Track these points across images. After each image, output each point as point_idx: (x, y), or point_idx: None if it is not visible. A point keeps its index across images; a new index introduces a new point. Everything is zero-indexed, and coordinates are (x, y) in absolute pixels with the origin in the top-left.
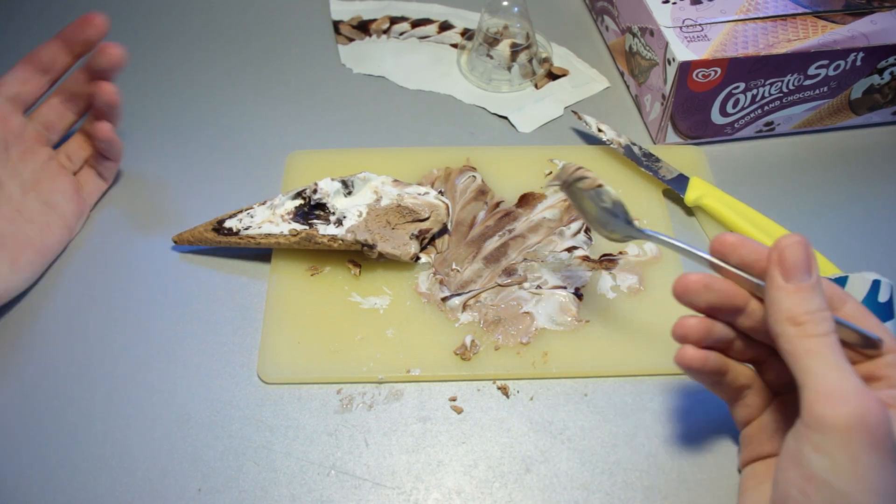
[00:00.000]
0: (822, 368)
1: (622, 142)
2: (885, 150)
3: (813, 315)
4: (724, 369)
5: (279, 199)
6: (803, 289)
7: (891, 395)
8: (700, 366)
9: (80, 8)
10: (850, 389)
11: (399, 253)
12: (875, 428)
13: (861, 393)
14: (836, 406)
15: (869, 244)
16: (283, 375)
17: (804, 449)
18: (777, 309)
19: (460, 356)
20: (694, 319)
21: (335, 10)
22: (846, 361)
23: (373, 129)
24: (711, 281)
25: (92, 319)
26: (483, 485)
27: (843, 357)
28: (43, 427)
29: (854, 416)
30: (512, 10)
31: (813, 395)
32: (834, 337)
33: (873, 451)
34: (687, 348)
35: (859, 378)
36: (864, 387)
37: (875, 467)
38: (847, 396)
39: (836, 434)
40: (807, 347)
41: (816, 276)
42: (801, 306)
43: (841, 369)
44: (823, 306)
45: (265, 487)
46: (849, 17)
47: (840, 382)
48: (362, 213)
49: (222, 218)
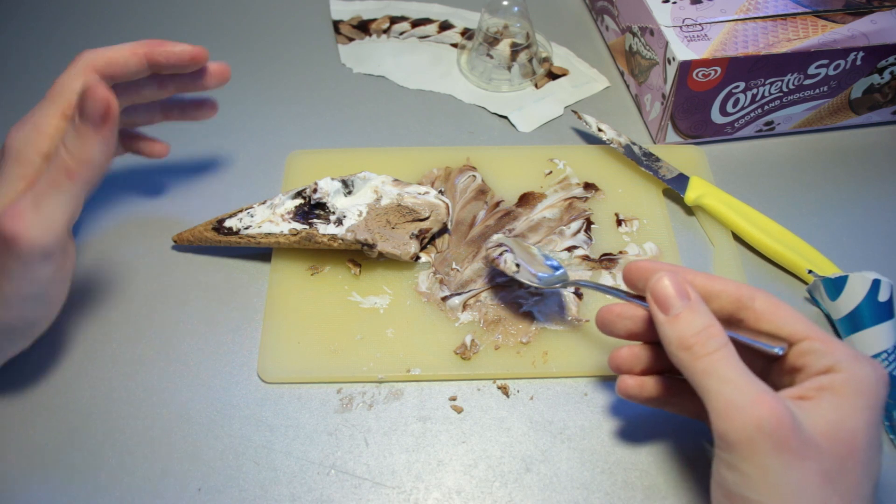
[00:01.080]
0: (716, 385)
1: (622, 141)
2: (885, 150)
3: (698, 336)
4: (667, 391)
5: (279, 199)
6: (682, 315)
7: (810, 385)
8: (637, 392)
9: (79, 8)
10: (743, 399)
11: (399, 252)
12: (775, 430)
13: (755, 399)
14: (732, 419)
15: (869, 244)
16: (283, 375)
17: (719, 469)
18: (668, 341)
19: (460, 356)
20: (624, 349)
21: (335, 9)
22: (742, 371)
23: (373, 129)
24: (623, 310)
25: (92, 319)
26: (483, 484)
27: (738, 367)
28: (43, 427)
29: (751, 426)
30: (512, 10)
31: (713, 414)
32: (725, 350)
33: (779, 454)
34: (624, 378)
35: (758, 383)
36: (760, 392)
37: (784, 470)
38: (740, 407)
39: (738, 447)
40: (700, 368)
41: (695, 298)
42: (686, 330)
43: (734, 381)
44: (708, 322)
45: (265, 487)
46: (849, 16)
47: (733, 395)
48: (362, 213)
49: (222, 217)
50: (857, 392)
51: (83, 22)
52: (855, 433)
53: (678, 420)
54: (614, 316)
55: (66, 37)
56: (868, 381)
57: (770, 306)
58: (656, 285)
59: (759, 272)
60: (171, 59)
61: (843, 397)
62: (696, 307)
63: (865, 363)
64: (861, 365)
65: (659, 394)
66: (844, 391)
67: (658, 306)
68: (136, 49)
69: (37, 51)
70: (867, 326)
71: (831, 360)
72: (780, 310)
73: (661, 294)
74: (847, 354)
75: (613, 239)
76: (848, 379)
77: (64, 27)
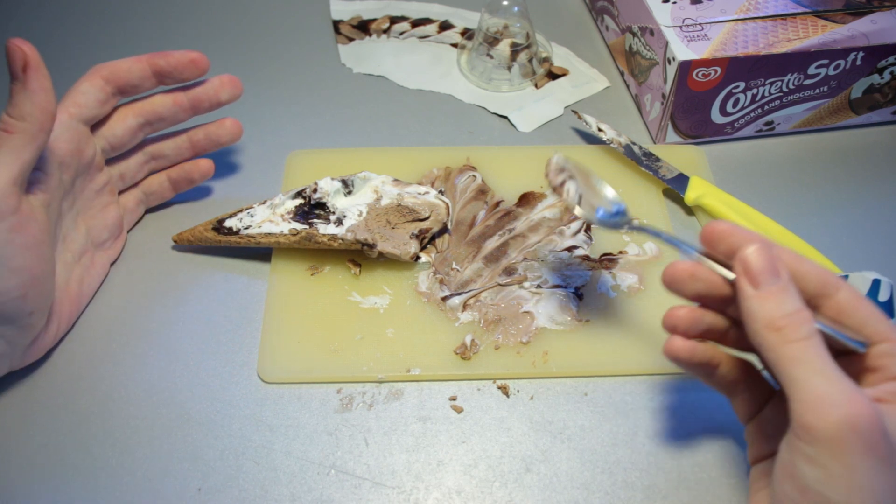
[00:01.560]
0: (806, 375)
1: (622, 141)
2: (885, 150)
3: (791, 318)
4: (716, 361)
5: (279, 199)
6: (774, 293)
7: (887, 389)
8: (688, 356)
9: (79, 8)
10: (837, 395)
11: (399, 252)
12: (867, 432)
13: (850, 397)
14: (824, 414)
15: (869, 244)
16: (283, 375)
17: (797, 461)
18: (753, 318)
19: (460, 356)
20: (683, 309)
21: (335, 9)
22: (832, 364)
23: (373, 129)
24: (698, 270)
25: (92, 319)
26: (483, 484)
27: (829, 359)
28: (43, 427)
29: (844, 423)
30: (512, 10)
31: (800, 405)
32: (816, 339)
33: (868, 456)
34: (675, 339)
35: (848, 380)
36: (852, 389)
37: (871, 474)
38: (834, 403)
39: (827, 444)
40: (789, 355)
41: (787, 278)
42: (776, 310)
43: (826, 373)
44: (799, 306)
45: (265, 487)
46: (849, 16)
47: (826, 388)
48: (362, 213)
49: (222, 217)
50: None
51: (83, 22)
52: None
53: (678, 420)
54: (686, 275)
55: (66, 37)
56: None
57: (853, 300)
58: (749, 256)
59: None
60: (171, 62)
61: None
62: (789, 287)
63: None
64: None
65: (707, 362)
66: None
67: (747, 278)
68: (139, 57)
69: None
70: None
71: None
72: (863, 305)
73: (753, 266)
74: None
75: (613, 239)
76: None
77: (64, 27)
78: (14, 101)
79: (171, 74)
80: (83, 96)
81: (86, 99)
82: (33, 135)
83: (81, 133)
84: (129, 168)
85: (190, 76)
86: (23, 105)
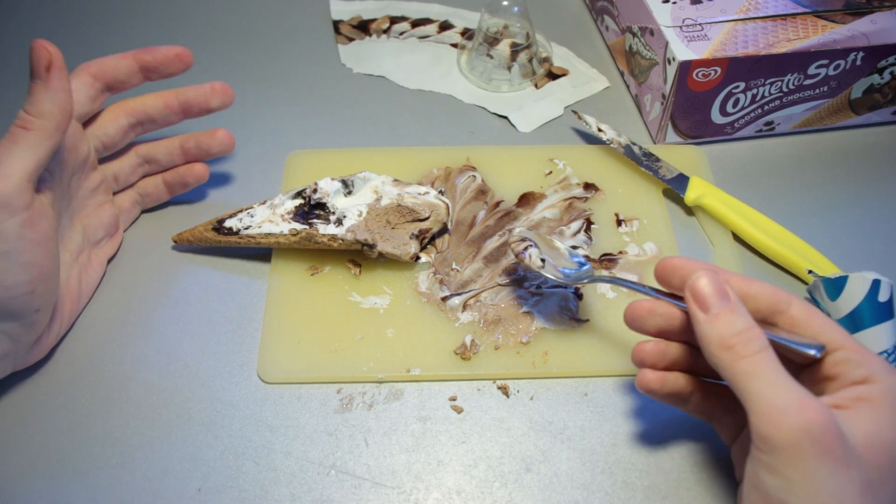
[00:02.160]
0: (759, 388)
1: (622, 141)
2: (885, 150)
3: (740, 336)
4: (688, 390)
5: (279, 199)
6: (723, 314)
7: (845, 395)
8: (659, 387)
9: (79, 8)
10: (789, 403)
11: (399, 252)
12: (822, 436)
13: (802, 404)
14: (778, 423)
15: (869, 244)
16: (283, 375)
17: (758, 471)
18: (707, 341)
19: (460, 356)
20: (649, 344)
21: (335, 9)
22: (785, 375)
23: (373, 129)
24: (656, 306)
25: (92, 319)
26: (483, 484)
27: (781, 371)
28: (43, 426)
29: (798, 430)
30: (512, 10)
31: (756, 417)
32: (767, 353)
33: (824, 460)
34: (646, 371)
35: (801, 389)
36: (805, 397)
37: (829, 477)
38: (787, 411)
39: (783, 452)
40: (742, 370)
41: (735, 299)
42: (726, 330)
43: (778, 384)
44: (749, 324)
45: (265, 487)
46: (849, 16)
47: (779, 398)
48: (362, 213)
49: (222, 217)
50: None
51: (83, 22)
52: (893, 445)
53: (678, 420)
54: (645, 312)
55: (66, 37)
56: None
57: (806, 313)
58: (696, 283)
59: (759, 272)
60: (157, 57)
61: (881, 409)
62: (737, 308)
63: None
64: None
65: (679, 391)
66: (882, 402)
67: (697, 304)
68: (125, 53)
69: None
70: (867, 326)
71: (868, 371)
72: (815, 317)
73: (701, 292)
74: (883, 365)
75: (613, 239)
76: (885, 390)
77: (64, 27)
78: (34, 99)
79: (157, 69)
80: (74, 93)
81: (77, 96)
82: (51, 133)
83: (76, 130)
84: (122, 170)
85: (175, 71)
86: (42, 103)
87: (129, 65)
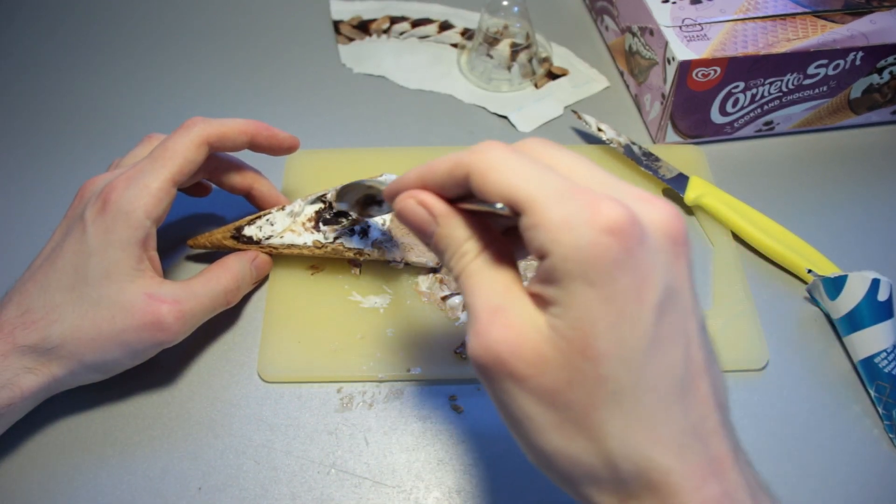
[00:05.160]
0: (469, 300)
1: (622, 141)
2: (885, 150)
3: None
4: None
5: (298, 205)
6: (435, 237)
7: (534, 286)
8: None
9: (79, 8)
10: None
11: (425, 260)
12: (507, 361)
13: (476, 332)
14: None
15: (869, 244)
16: (283, 374)
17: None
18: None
19: (460, 355)
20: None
21: (335, 10)
22: (489, 283)
23: (373, 129)
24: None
25: None
26: (483, 483)
27: (488, 280)
28: (43, 426)
29: (492, 354)
30: (512, 10)
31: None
32: (476, 262)
33: (512, 382)
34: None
35: (497, 298)
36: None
37: (514, 395)
38: (479, 333)
39: (483, 375)
40: (463, 285)
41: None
42: (446, 253)
43: (480, 294)
44: (466, 236)
45: (265, 486)
46: (848, 16)
47: (482, 314)
48: (385, 222)
49: (240, 224)
50: (583, 278)
51: (83, 22)
52: (595, 334)
53: None
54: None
55: (66, 37)
56: (591, 253)
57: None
58: (405, 213)
59: (758, 272)
60: (272, 143)
61: (568, 292)
62: (453, 225)
63: (585, 227)
64: (579, 231)
65: None
66: (565, 282)
67: (424, 224)
68: (245, 128)
69: (37, 51)
70: (866, 326)
71: (543, 238)
72: (492, 172)
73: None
74: (562, 217)
75: None
76: (556, 264)
77: (64, 27)
78: None
79: (263, 147)
80: (190, 166)
81: (191, 169)
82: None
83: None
84: None
85: (276, 154)
86: None
87: (244, 141)
